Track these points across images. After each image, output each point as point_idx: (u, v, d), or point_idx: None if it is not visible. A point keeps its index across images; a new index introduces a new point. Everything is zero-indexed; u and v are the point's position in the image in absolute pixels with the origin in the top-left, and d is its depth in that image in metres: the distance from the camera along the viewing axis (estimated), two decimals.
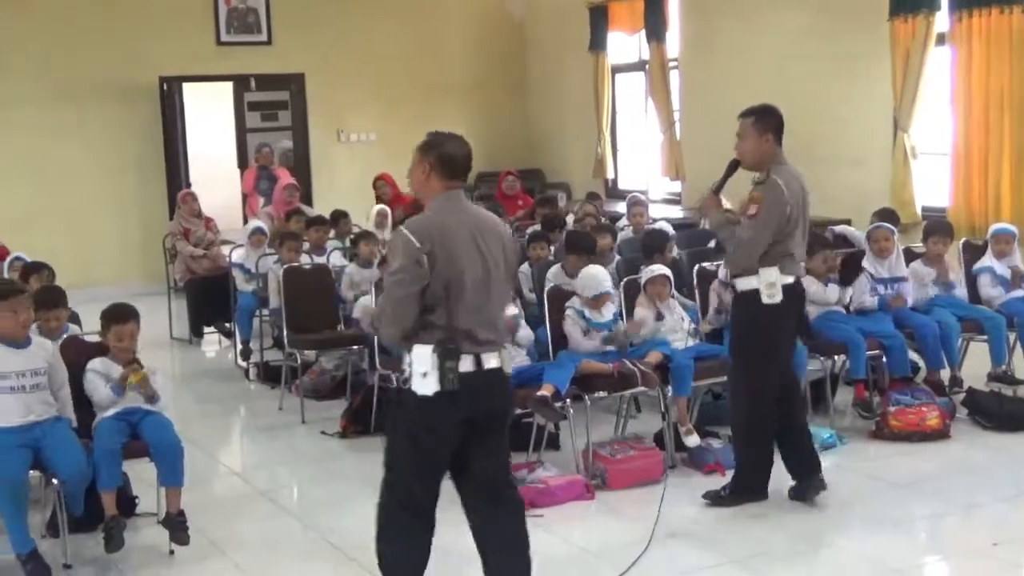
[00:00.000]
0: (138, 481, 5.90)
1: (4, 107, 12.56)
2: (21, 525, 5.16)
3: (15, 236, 10.28)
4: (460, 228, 4.25)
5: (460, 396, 4.18)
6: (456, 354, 4.16)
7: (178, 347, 10.65)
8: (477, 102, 14.99)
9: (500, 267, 4.34)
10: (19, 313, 5.38)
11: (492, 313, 4.33)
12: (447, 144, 4.40)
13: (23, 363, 5.36)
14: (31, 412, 5.31)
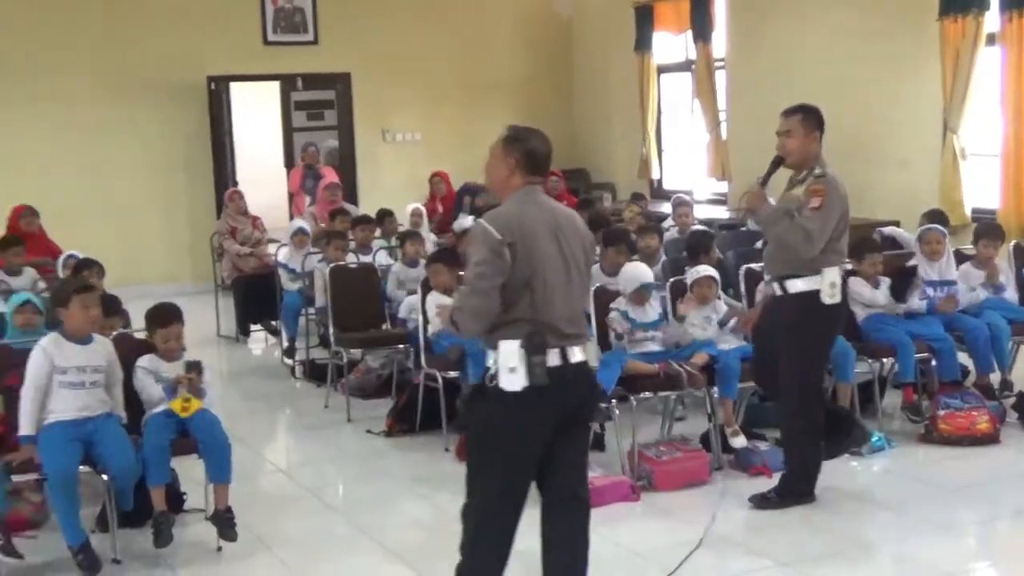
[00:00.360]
0: (186, 478, 5.95)
1: (56, 105, 12.70)
2: (73, 518, 5.22)
3: (66, 233, 10.39)
4: (540, 222, 4.20)
5: (548, 391, 4.10)
6: (543, 348, 4.09)
7: (225, 345, 10.73)
8: (522, 102, 14.97)
9: (580, 261, 4.29)
10: (89, 309, 5.45)
11: (574, 307, 4.27)
12: (532, 140, 4.37)
13: (84, 359, 5.42)
14: (85, 408, 5.37)
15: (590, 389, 4.41)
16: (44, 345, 5.39)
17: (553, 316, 4.16)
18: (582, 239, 4.34)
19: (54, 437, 5.27)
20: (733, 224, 10.45)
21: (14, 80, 12.50)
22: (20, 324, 6.07)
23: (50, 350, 5.37)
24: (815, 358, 5.88)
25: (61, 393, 5.35)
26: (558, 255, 4.20)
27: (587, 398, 4.39)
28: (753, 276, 7.23)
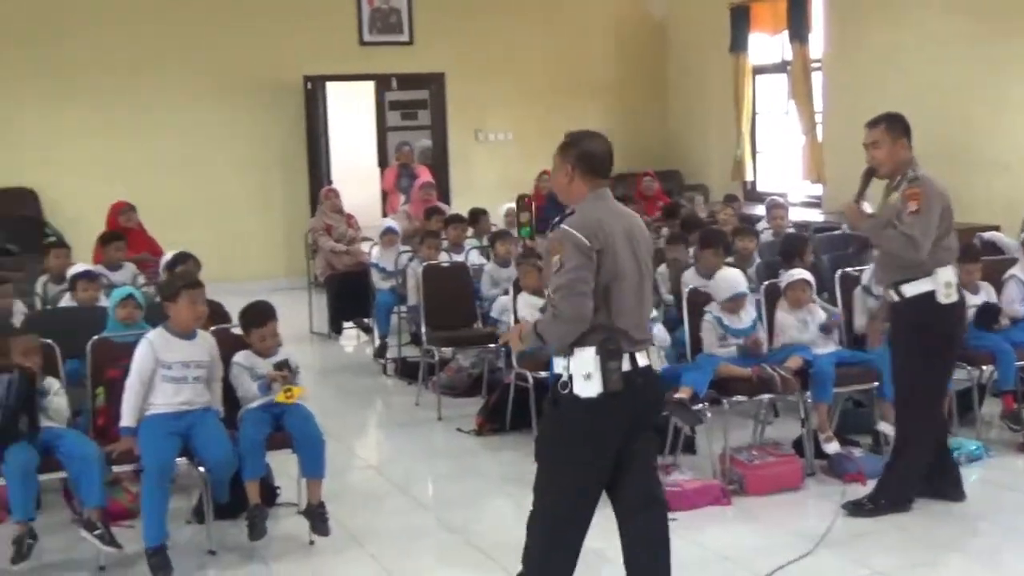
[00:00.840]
0: (280, 472, 6.02)
1: (155, 106, 12.98)
2: (159, 516, 5.29)
3: (165, 230, 10.57)
4: (617, 227, 4.18)
5: (622, 396, 4.11)
6: (619, 354, 4.10)
7: (318, 341, 10.84)
8: (616, 102, 14.95)
9: (649, 266, 4.32)
10: (196, 304, 5.55)
11: (644, 313, 4.30)
12: (586, 141, 4.32)
13: (188, 354, 5.52)
14: (185, 402, 5.46)
15: (656, 392, 4.45)
16: (150, 339, 5.49)
17: (626, 322, 4.16)
18: (648, 244, 4.36)
19: (153, 430, 5.37)
20: (828, 227, 10.32)
21: (116, 80, 12.80)
22: (122, 318, 6.19)
23: (156, 344, 5.47)
24: (938, 361, 5.79)
25: (163, 387, 5.45)
26: (632, 260, 4.20)
27: (655, 402, 4.44)
28: (849, 280, 7.14)
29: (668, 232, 9.35)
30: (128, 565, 5.40)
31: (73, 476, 5.35)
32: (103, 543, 5.25)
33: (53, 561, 5.48)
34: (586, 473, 4.22)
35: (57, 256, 8.35)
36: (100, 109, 12.81)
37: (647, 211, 11.60)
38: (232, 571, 5.42)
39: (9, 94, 12.51)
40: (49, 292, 8.03)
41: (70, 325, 6.43)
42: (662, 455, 6.58)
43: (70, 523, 5.89)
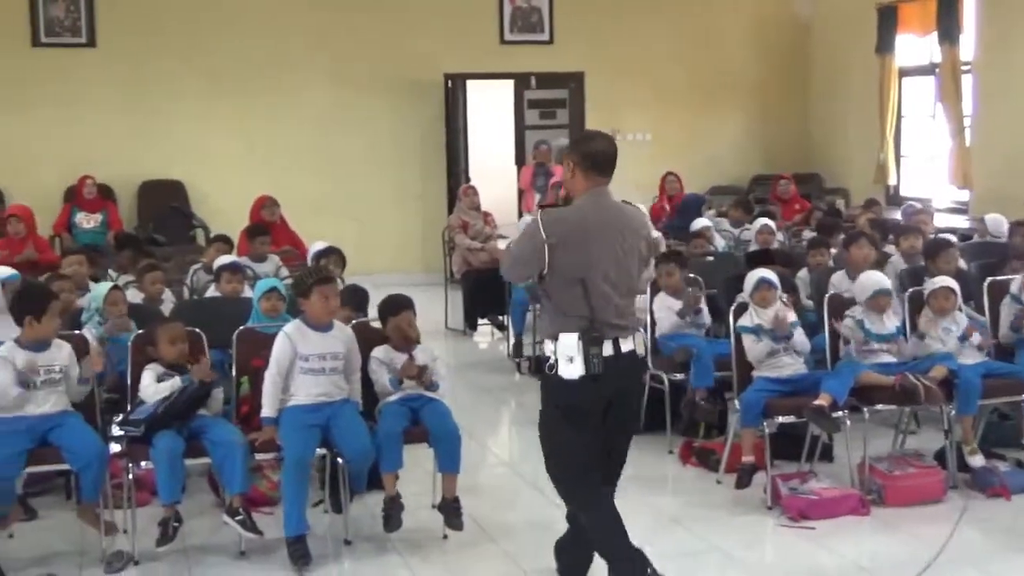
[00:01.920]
0: (415, 466, 6.07)
1: (298, 102, 13.27)
2: (299, 507, 5.38)
3: (306, 224, 10.78)
4: (597, 223, 4.56)
5: (601, 377, 4.49)
6: (599, 342, 4.48)
7: (452, 337, 10.94)
8: (756, 103, 14.79)
9: (634, 260, 4.63)
10: (328, 300, 5.65)
11: (623, 302, 4.61)
12: (590, 142, 4.71)
13: (324, 347, 5.61)
14: (324, 393, 5.55)
15: (636, 376, 4.94)
16: (288, 331, 5.60)
17: (606, 311, 4.53)
18: (640, 238, 4.68)
19: (293, 421, 5.47)
20: (974, 233, 10.04)
21: (261, 77, 13.12)
22: (266, 310, 6.33)
23: (293, 337, 5.57)
24: None
25: (301, 378, 5.55)
26: (612, 254, 4.55)
27: (634, 384, 4.91)
28: (997, 288, 6.94)
29: (809, 236, 9.20)
30: (268, 551, 5.52)
31: (217, 462, 5.49)
32: (244, 529, 5.38)
33: (196, 544, 5.63)
34: (572, 444, 4.64)
35: (219, 249, 8.58)
36: (245, 105, 13.14)
37: (784, 215, 11.43)
38: (367, 561, 5.50)
39: (162, 91, 12.89)
40: (198, 282, 8.26)
41: (216, 315, 6.60)
42: (798, 462, 6.51)
43: (213, 508, 6.06)
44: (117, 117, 12.79)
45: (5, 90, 12.48)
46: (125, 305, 6.61)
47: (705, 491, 6.42)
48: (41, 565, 5.37)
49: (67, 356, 5.58)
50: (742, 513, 6.04)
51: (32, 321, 5.48)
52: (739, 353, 6.43)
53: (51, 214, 11.86)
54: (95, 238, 11.49)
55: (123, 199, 12.69)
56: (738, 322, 6.45)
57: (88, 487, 5.39)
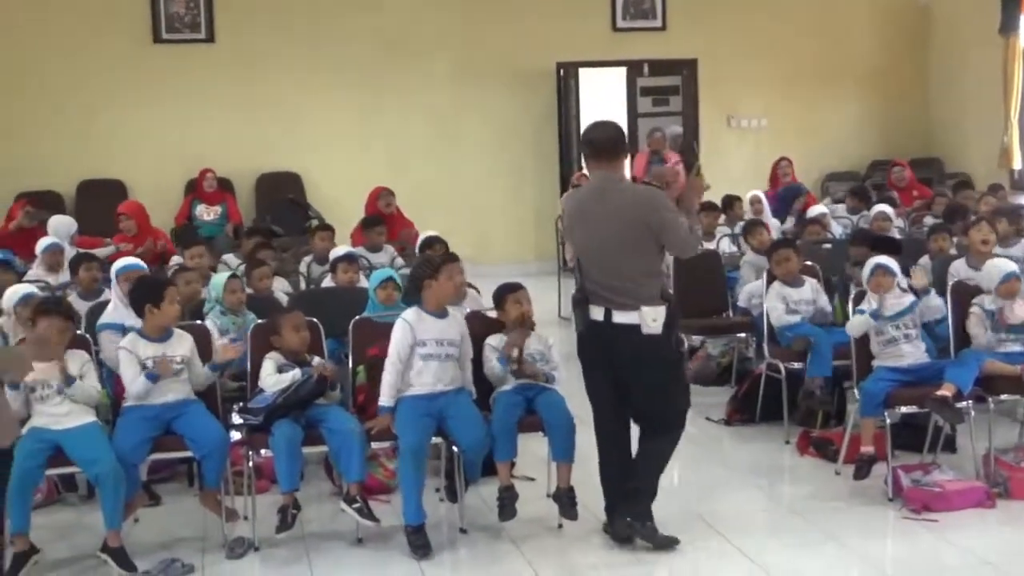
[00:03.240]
0: (529, 455, 6.08)
1: (411, 93, 13.39)
2: (417, 495, 5.42)
3: (420, 212, 10.87)
4: (588, 206, 5.23)
5: (591, 338, 5.22)
6: (581, 304, 5.21)
7: (565, 326, 10.88)
8: (874, 89, 14.51)
9: (626, 242, 5.09)
10: (455, 277, 5.67)
11: (612, 280, 5.14)
12: (589, 131, 5.32)
13: (440, 332, 5.63)
14: (439, 381, 5.58)
15: (636, 347, 5.13)
16: (406, 318, 5.62)
17: (593, 282, 5.18)
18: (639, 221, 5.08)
19: (409, 411, 5.50)
20: None
21: (377, 69, 13.25)
22: (382, 299, 6.38)
23: (412, 322, 5.60)
24: None
25: (419, 365, 5.57)
26: (599, 234, 5.14)
27: (636, 356, 5.17)
28: None
29: (931, 222, 9.00)
30: (385, 539, 5.57)
31: (334, 450, 5.56)
32: (361, 516, 5.43)
33: (314, 531, 5.71)
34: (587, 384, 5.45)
35: (322, 238, 8.71)
36: (361, 97, 13.30)
37: (903, 201, 11.18)
38: (482, 549, 5.52)
39: (280, 85, 13.11)
40: (312, 273, 8.37)
41: (331, 305, 6.68)
42: (920, 453, 6.37)
43: (330, 496, 6.15)
44: (236, 111, 13.04)
45: (128, 86, 12.79)
46: (243, 294, 6.72)
47: (823, 482, 6.32)
48: (165, 550, 5.49)
49: (189, 346, 5.69)
50: (862, 504, 5.93)
51: (152, 309, 5.61)
52: (859, 341, 6.31)
53: (172, 207, 12.14)
54: (214, 230, 11.72)
55: (241, 191, 12.93)
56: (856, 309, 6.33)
57: (210, 474, 5.50)
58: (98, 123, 12.77)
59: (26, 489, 5.11)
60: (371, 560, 5.42)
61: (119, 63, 12.79)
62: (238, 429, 5.79)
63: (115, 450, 5.26)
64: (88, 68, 12.71)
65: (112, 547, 5.22)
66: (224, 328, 6.44)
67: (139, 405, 5.49)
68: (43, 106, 12.63)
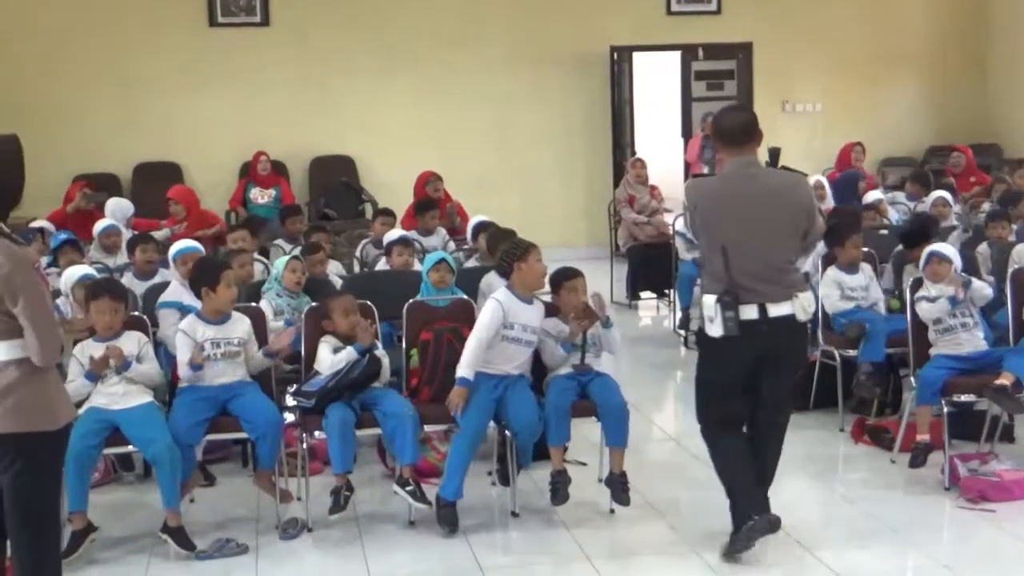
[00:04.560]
0: (579, 440, 6.06)
1: (465, 77, 13.38)
2: (462, 475, 5.48)
3: (474, 197, 10.89)
4: (728, 195, 4.93)
5: (741, 340, 4.78)
6: (732, 305, 4.76)
7: (617, 311, 10.88)
8: (930, 73, 14.33)
9: (780, 227, 4.86)
10: (540, 263, 5.68)
11: (761, 270, 4.83)
12: (720, 118, 5.07)
13: (528, 317, 5.64)
14: (514, 364, 5.60)
15: (790, 337, 4.93)
16: (499, 299, 5.61)
17: (744, 278, 4.79)
18: (791, 205, 4.90)
19: (478, 390, 5.52)
20: None
21: (431, 54, 13.26)
22: (435, 282, 6.39)
23: (505, 304, 5.59)
24: None
25: (500, 346, 5.57)
26: (742, 224, 4.83)
27: (787, 346, 4.95)
28: None
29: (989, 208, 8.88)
30: (436, 521, 5.58)
31: (388, 433, 5.58)
32: (414, 499, 5.46)
33: (367, 513, 5.74)
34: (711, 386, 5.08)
35: (383, 223, 8.74)
36: (415, 81, 13.30)
37: (960, 187, 11.04)
38: (534, 533, 5.53)
39: (335, 68, 13.14)
40: (368, 256, 8.40)
41: (385, 288, 6.70)
42: (976, 442, 6.30)
43: (382, 478, 6.18)
44: (290, 94, 13.09)
45: (183, 69, 12.88)
46: (303, 275, 6.75)
47: (878, 470, 6.27)
48: (220, 529, 5.54)
49: (246, 329, 5.73)
50: (917, 494, 5.88)
51: (208, 292, 5.65)
52: (916, 329, 6.24)
53: (226, 190, 12.23)
54: (268, 213, 11.77)
55: (295, 174, 12.99)
56: (914, 296, 6.26)
57: (265, 455, 5.55)
58: (154, 106, 12.86)
59: (83, 468, 5.18)
60: (423, 542, 5.44)
61: (175, 47, 12.88)
62: (292, 411, 5.83)
63: (171, 430, 5.32)
64: (145, 52, 12.80)
65: (172, 526, 5.28)
66: (279, 309, 6.49)
67: (195, 386, 5.54)
68: (100, 90, 12.75)
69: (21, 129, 11.51)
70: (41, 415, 3.96)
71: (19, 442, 3.92)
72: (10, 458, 3.94)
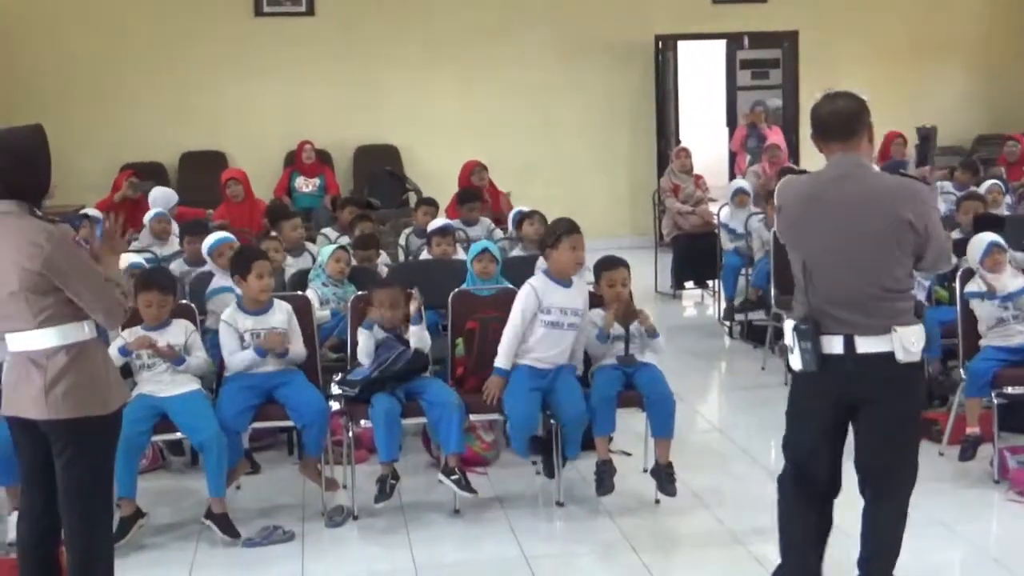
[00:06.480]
0: (625, 429, 6.05)
1: (509, 66, 13.36)
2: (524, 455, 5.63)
3: (517, 186, 10.88)
4: (814, 197, 4.06)
5: (821, 377, 4.01)
6: (809, 335, 3.98)
7: (660, 301, 10.86)
8: (980, 61, 14.18)
9: (879, 243, 3.95)
10: (576, 251, 5.67)
11: (864, 295, 3.98)
12: (819, 106, 4.15)
13: (565, 300, 5.63)
14: (556, 351, 5.59)
15: (886, 381, 4.02)
16: (533, 284, 5.64)
17: (824, 300, 4.00)
18: (895, 217, 3.94)
19: (522, 382, 5.53)
20: None
21: (476, 43, 13.26)
22: (478, 271, 6.39)
23: (538, 288, 5.61)
24: None
25: (540, 332, 5.58)
26: (840, 230, 3.97)
27: (883, 392, 4.03)
28: None
29: None
30: (481, 510, 5.61)
31: (433, 422, 5.58)
32: (459, 488, 5.46)
33: (412, 501, 5.75)
34: (793, 433, 4.26)
35: (426, 212, 8.76)
36: (459, 71, 13.32)
37: (1011, 176, 10.91)
38: (579, 523, 5.52)
39: (379, 57, 13.17)
40: (411, 245, 8.41)
41: (429, 277, 6.68)
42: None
43: (427, 467, 6.19)
44: (334, 83, 13.13)
45: (229, 59, 12.96)
46: (348, 265, 6.77)
47: (927, 463, 6.05)
48: (266, 517, 5.57)
49: (286, 318, 5.74)
50: (966, 486, 5.82)
51: (239, 281, 5.69)
52: (965, 321, 6.17)
53: (271, 179, 12.28)
54: (313, 202, 11.85)
55: (339, 164, 13.04)
56: (965, 288, 6.19)
57: (311, 443, 5.57)
58: (200, 95, 12.94)
59: (132, 454, 5.22)
60: (468, 531, 5.45)
61: (221, 36, 12.95)
62: (337, 399, 5.85)
63: (218, 418, 5.36)
64: (191, 42, 12.88)
65: (216, 513, 5.32)
66: (325, 298, 6.53)
67: (241, 374, 5.57)
68: (147, 79, 12.84)
69: (70, 117, 11.64)
70: (93, 400, 3.99)
71: (72, 427, 3.95)
72: (63, 443, 3.97)
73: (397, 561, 5.14)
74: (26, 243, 3.85)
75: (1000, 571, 4.90)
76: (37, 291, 3.87)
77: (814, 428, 4.16)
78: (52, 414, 3.93)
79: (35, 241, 3.84)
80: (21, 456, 4.15)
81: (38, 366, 3.93)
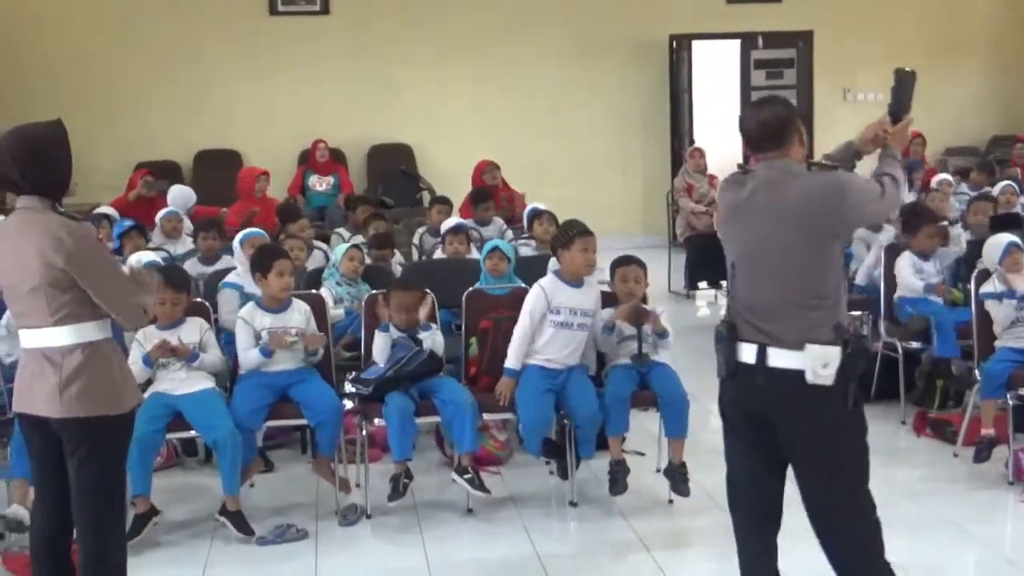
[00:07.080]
0: (637, 430, 6.03)
1: (524, 65, 13.38)
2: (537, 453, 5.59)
3: (531, 186, 10.86)
4: (748, 199, 3.78)
5: (732, 386, 3.84)
6: (724, 339, 3.81)
7: (675, 301, 10.84)
8: (996, 61, 14.14)
9: (794, 249, 3.69)
10: (587, 252, 5.68)
11: (780, 304, 3.71)
12: (744, 118, 3.91)
13: (576, 300, 5.63)
14: (567, 351, 5.59)
15: (797, 405, 3.68)
16: (543, 284, 5.65)
17: (743, 305, 3.79)
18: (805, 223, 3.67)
19: (533, 383, 5.53)
20: None
21: (490, 43, 13.26)
22: (490, 269, 6.41)
23: (548, 288, 5.62)
24: None
25: (550, 333, 5.58)
26: (758, 232, 3.74)
27: (797, 418, 3.70)
28: None
29: None
30: (495, 509, 5.61)
31: (446, 421, 5.59)
32: (473, 487, 5.46)
33: (425, 500, 5.76)
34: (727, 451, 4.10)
35: (439, 211, 8.77)
36: (473, 70, 13.33)
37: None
38: (592, 523, 5.52)
39: (393, 57, 13.18)
40: (425, 244, 8.42)
41: (443, 276, 6.70)
42: None
43: (441, 466, 6.19)
44: (349, 82, 13.15)
45: (244, 57, 12.99)
46: (362, 264, 6.78)
47: (941, 464, 6.20)
48: (279, 515, 5.58)
49: (304, 317, 5.76)
50: (981, 488, 5.80)
51: (260, 279, 5.70)
52: (980, 321, 6.16)
53: (285, 177, 12.29)
54: (327, 201, 11.86)
55: (353, 163, 13.05)
56: (980, 289, 6.18)
57: (324, 442, 5.58)
58: (215, 94, 12.98)
59: (147, 452, 5.23)
60: (481, 530, 5.46)
61: (236, 35, 12.98)
62: (351, 398, 5.86)
63: (232, 416, 5.37)
64: (206, 40, 12.91)
65: (231, 511, 5.33)
66: (339, 297, 6.54)
67: (256, 372, 5.58)
68: (162, 78, 12.87)
69: (85, 116, 11.63)
70: (107, 399, 3.99)
71: (85, 426, 3.95)
72: (76, 442, 3.97)
73: (410, 560, 5.14)
74: (49, 238, 3.84)
75: (1015, 572, 4.88)
76: (57, 287, 3.86)
77: (741, 442, 3.99)
78: (66, 412, 3.93)
79: (58, 236, 3.84)
80: (31, 455, 4.15)
81: (53, 364, 3.93)
